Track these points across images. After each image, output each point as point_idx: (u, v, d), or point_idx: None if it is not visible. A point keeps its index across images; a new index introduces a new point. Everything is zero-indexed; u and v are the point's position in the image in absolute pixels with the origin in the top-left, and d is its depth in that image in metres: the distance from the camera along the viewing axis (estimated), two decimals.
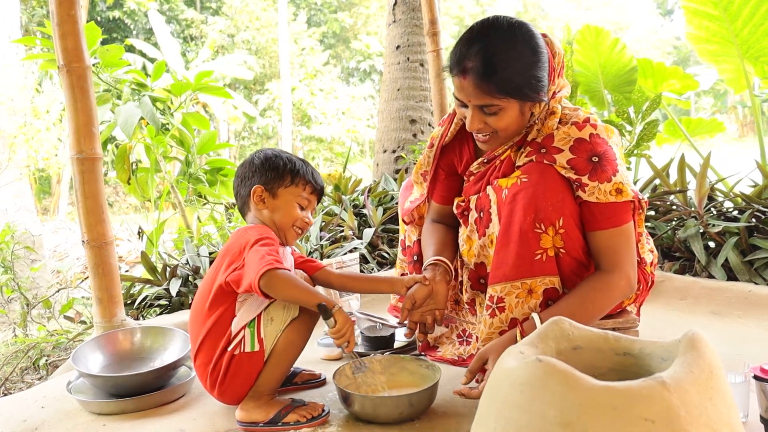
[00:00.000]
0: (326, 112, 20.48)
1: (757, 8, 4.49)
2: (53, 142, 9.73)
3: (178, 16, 20.67)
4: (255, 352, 1.82)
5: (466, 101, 1.85)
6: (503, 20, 1.82)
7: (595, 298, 1.83)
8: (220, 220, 4.48)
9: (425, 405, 1.83)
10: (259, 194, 1.95)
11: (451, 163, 2.21)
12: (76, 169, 2.45)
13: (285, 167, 1.96)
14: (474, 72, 1.78)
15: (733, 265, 2.97)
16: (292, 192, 1.96)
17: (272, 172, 1.96)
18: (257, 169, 1.97)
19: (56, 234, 7.83)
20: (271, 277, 1.70)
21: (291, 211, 1.96)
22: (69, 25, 2.40)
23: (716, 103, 23.13)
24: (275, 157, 1.98)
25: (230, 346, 1.81)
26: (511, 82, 1.78)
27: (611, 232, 1.85)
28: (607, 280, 1.84)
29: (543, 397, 1.11)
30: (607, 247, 1.86)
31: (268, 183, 1.95)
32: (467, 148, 2.16)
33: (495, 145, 1.96)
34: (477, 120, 1.87)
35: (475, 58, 1.78)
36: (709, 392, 1.10)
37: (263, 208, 1.96)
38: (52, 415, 1.97)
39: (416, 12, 5.44)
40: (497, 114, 1.83)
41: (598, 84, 5.61)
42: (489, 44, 1.78)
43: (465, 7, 25.28)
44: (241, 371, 1.81)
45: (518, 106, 1.84)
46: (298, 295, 1.76)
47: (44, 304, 3.35)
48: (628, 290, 1.87)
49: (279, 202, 1.96)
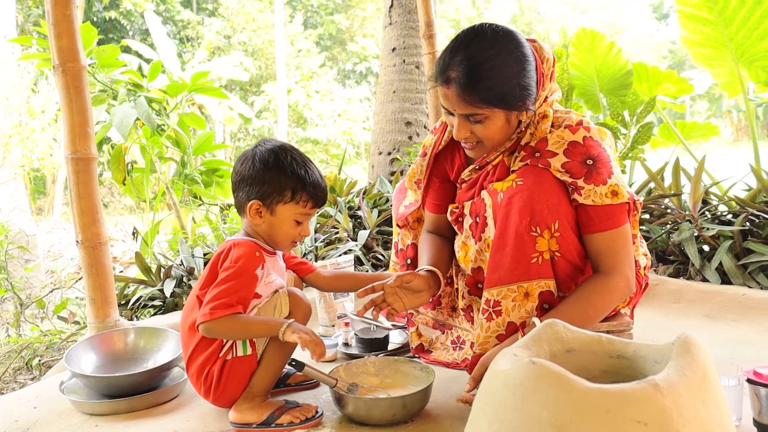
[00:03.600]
0: (322, 114, 20.47)
1: (751, 13, 4.50)
2: (48, 142, 9.71)
3: (175, 17, 20.64)
4: (248, 355, 1.82)
5: (451, 110, 1.86)
6: (488, 28, 1.82)
7: (595, 300, 1.82)
8: (215, 221, 4.47)
9: (419, 407, 1.83)
10: (256, 209, 1.87)
11: (444, 170, 2.21)
12: (70, 169, 2.44)
13: (287, 181, 1.85)
14: (457, 82, 1.78)
15: (727, 269, 2.98)
16: (291, 209, 1.87)
17: (272, 186, 1.85)
18: (257, 176, 1.86)
19: (51, 234, 7.80)
20: (208, 328, 1.75)
21: (287, 230, 1.90)
22: (64, 25, 2.40)
23: (711, 107, 23.20)
24: (277, 165, 1.85)
25: (221, 351, 1.81)
26: (495, 92, 1.78)
27: (609, 234, 1.85)
28: (606, 282, 1.84)
29: (536, 399, 1.11)
30: (606, 249, 1.86)
31: (266, 198, 1.86)
32: (459, 155, 2.16)
33: (482, 152, 1.97)
34: (463, 129, 1.87)
35: (458, 67, 1.78)
36: (702, 395, 1.11)
37: (260, 222, 1.89)
38: (44, 416, 1.97)
39: (412, 14, 5.44)
40: (483, 122, 1.84)
41: (593, 87, 5.62)
42: (472, 54, 1.78)
43: (461, 10, 25.33)
44: (234, 376, 1.81)
45: (504, 115, 1.84)
46: (244, 336, 1.81)
47: (38, 304, 3.34)
48: (627, 291, 1.87)
49: (276, 220, 1.88)
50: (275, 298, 1.89)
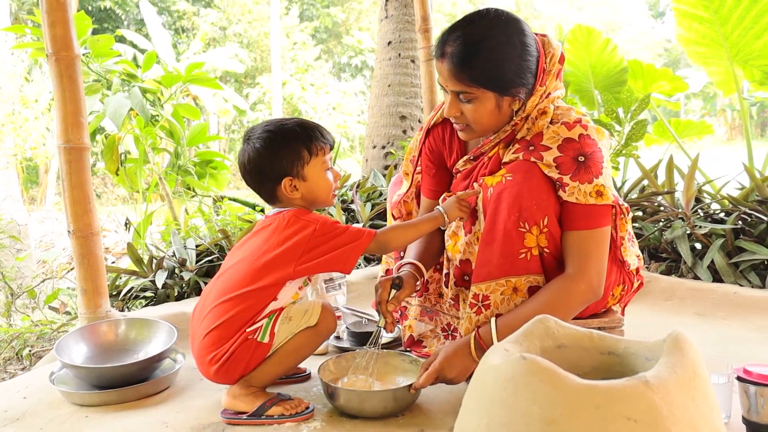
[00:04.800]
0: (317, 107, 20.44)
1: (746, 12, 4.51)
2: (41, 131, 9.68)
3: (170, 7, 20.55)
4: (263, 343, 1.81)
5: (444, 86, 1.87)
6: (492, 11, 1.83)
7: (555, 304, 1.79)
8: (208, 213, 4.46)
9: (410, 400, 1.83)
10: (289, 185, 1.88)
11: (441, 156, 2.20)
12: (63, 158, 2.43)
13: (296, 145, 1.88)
14: (451, 57, 1.80)
15: (718, 267, 2.99)
16: (315, 164, 1.90)
17: (288, 158, 1.87)
18: (271, 160, 1.88)
19: (43, 224, 7.76)
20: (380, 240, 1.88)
21: (325, 184, 1.93)
22: (58, 14, 2.38)
23: (705, 106, 23.25)
24: (281, 137, 1.89)
25: (250, 327, 1.80)
26: (486, 72, 1.79)
27: (583, 234, 1.83)
28: (568, 286, 1.81)
29: (526, 395, 1.11)
30: (577, 248, 1.84)
31: (292, 170, 1.88)
32: (457, 143, 2.15)
33: (472, 136, 1.98)
34: (453, 107, 1.88)
35: (454, 43, 1.80)
36: (692, 392, 1.11)
37: (298, 195, 1.90)
38: (34, 406, 1.96)
39: (408, 8, 5.43)
40: (472, 103, 1.84)
41: (588, 84, 5.63)
42: (470, 32, 1.80)
43: (457, 4, 25.28)
44: (244, 356, 1.80)
45: (494, 99, 1.84)
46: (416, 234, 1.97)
47: (29, 294, 3.32)
48: (591, 296, 1.83)
49: (310, 182, 1.90)
50: (309, 304, 1.89)
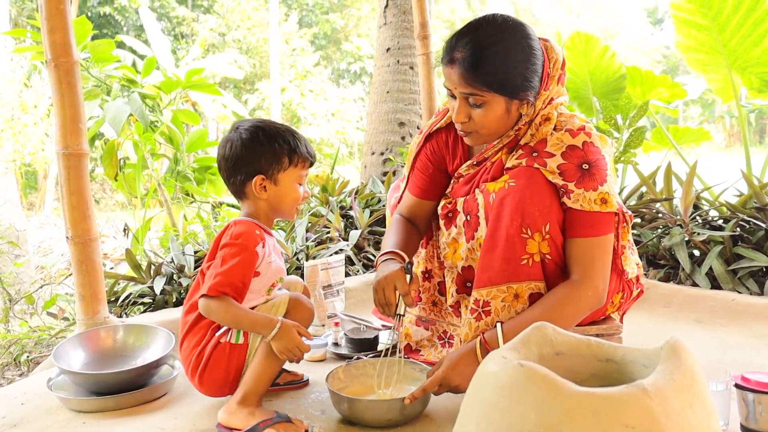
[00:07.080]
0: (316, 113, 20.44)
1: (745, 19, 4.52)
2: (40, 137, 9.66)
3: (169, 13, 20.59)
4: (238, 345, 1.80)
5: (453, 89, 1.87)
6: (499, 17, 1.85)
7: (562, 309, 1.80)
8: (207, 219, 4.46)
9: (419, 409, 1.81)
10: (260, 184, 1.89)
11: (443, 160, 2.19)
12: (61, 164, 2.43)
13: (281, 149, 1.89)
14: (462, 62, 1.80)
15: (717, 274, 2.99)
16: (291, 174, 1.92)
17: (268, 158, 1.89)
18: (251, 154, 1.89)
19: (41, 229, 7.75)
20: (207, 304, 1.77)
21: (293, 195, 1.94)
22: (58, 20, 2.38)
23: (704, 113, 23.30)
24: (267, 137, 1.89)
25: (219, 330, 1.82)
26: (497, 76, 1.80)
27: (588, 241, 1.84)
28: (574, 292, 1.82)
29: (524, 402, 1.11)
30: (582, 255, 1.84)
31: (268, 170, 1.89)
32: (461, 148, 2.15)
33: (478, 141, 1.97)
34: (462, 112, 1.88)
35: (464, 48, 1.80)
36: (690, 399, 1.11)
37: (265, 197, 1.91)
38: (31, 412, 1.96)
39: (407, 15, 5.44)
40: (482, 107, 1.84)
41: (586, 90, 5.64)
42: (480, 37, 1.81)
43: (456, 11, 25.35)
44: (222, 361, 1.79)
45: (504, 103, 1.84)
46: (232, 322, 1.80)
47: (27, 299, 3.32)
48: (596, 302, 1.84)
49: (281, 189, 1.91)
50: (278, 298, 1.88)
